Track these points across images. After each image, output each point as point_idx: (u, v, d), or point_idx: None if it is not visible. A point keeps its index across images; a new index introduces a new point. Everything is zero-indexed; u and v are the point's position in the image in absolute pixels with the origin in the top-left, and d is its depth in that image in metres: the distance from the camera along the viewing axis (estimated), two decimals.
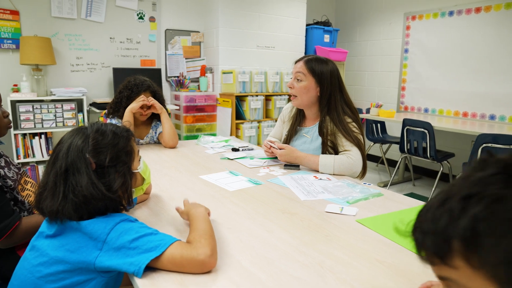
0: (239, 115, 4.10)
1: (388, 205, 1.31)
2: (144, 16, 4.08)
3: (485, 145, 2.90)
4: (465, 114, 4.13)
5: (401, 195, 1.44)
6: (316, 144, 1.83)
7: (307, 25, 4.68)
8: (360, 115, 2.43)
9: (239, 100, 4.11)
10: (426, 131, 3.46)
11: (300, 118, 1.96)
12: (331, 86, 1.78)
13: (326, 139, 1.77)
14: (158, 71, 4.06)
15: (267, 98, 4.27)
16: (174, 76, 4.27)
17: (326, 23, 4.82)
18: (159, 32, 4.20)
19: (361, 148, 1.73)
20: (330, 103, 1.79)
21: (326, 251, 0.97)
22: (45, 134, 3.45)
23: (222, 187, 1.50)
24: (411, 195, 3.49)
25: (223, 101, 4.14)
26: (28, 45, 3.26)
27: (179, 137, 2.61)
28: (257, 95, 4.14)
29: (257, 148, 2.24)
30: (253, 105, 4.10)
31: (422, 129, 3.49)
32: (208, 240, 0.89)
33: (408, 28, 4.63)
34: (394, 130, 4.75)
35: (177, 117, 4.22)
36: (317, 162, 1.70)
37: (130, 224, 0.89)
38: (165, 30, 4.18)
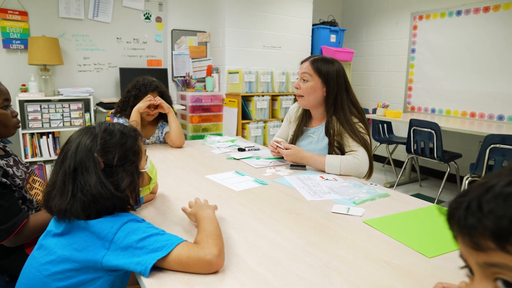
0: (245, 115, 4.10)
1: (394, 206, 1.30)
2: (150, 16, 4.10)
3: (493, 146, 2.87)
4: (472, 115, 4.09)
5: (408, 195, 1.43)
6: (322, 144, 1.82)
7: (313, 25, 4.67)
8: (366, 115, 2.42)
9: (245, 100, 4.11)
10: (433, 132, 3.43)
11: (306, 118, 1.95)
12: (338, 86, 1.77)
13: (332, 139, 1.76)
14: (164, 71, 4.08)
15: (273, 98, 4.27)
16: (180, 76, 4.29)
17: (332, 23, 4.81)
18: (166, 32, 4.21)
19: (367, 148, 1.72)
20: (337, 103, 1.78)
21: (333, 252, 0.97)
22: (53, 133, 3.48)
23: (228, 187, 1.50)
24: (418, 196, 3.44)
25: (229, 101, 4.14)
26: (36, 45, 3.30)
27: (185, 137, 2.62)
28: (263, 95, 4.13)
29: (263, 148, 2.23)
30: (259, 105, 4.10)
31: (429, 130, 3.47)
32: (216, 241, 0.89)
33: (415, 28, 4.60)
34: (401, 130, 4.72)
35: (183, 117, 4.23)
36: (323, 162, 1.69)
37: (137, 224, 0.89)
38: (172, 30, 4.20)
